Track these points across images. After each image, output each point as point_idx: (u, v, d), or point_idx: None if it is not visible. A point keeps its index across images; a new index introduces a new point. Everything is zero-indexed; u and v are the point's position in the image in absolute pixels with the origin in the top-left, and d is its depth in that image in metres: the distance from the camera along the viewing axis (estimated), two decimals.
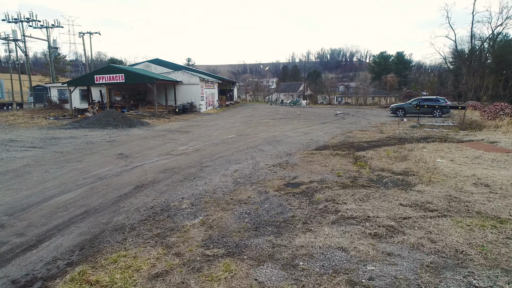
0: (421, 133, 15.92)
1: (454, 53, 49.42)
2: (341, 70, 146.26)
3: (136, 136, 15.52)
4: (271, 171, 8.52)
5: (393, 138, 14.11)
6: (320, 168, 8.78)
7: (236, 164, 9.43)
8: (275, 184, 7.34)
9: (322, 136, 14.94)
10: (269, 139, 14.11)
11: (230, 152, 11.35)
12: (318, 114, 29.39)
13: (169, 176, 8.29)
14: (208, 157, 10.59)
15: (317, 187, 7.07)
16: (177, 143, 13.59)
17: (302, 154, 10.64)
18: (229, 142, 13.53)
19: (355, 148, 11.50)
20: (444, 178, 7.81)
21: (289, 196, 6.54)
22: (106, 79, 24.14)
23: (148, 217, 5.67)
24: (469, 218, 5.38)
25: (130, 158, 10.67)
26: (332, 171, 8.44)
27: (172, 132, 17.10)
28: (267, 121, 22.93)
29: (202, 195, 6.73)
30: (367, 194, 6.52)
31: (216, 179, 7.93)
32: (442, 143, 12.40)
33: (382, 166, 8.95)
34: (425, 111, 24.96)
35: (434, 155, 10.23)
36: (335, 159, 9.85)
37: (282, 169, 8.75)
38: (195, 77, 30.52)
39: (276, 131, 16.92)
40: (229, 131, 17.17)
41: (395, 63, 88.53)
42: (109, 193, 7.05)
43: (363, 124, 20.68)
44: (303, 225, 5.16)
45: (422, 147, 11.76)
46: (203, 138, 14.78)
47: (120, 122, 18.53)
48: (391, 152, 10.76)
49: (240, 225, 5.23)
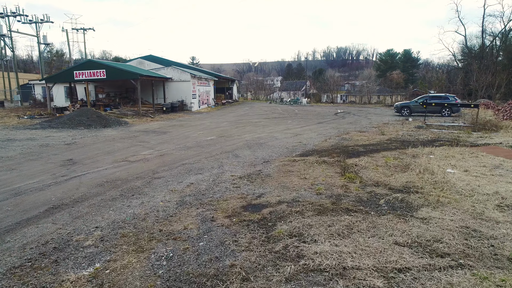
0: (428, 134, 13.95)
1: (464, 49, 47.00)
2: (347, 68, 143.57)
3: (104, 138, 13.80)
4: (233, 186, 6.69)
5: (395, 141, 12.18)
6: (297, 181, 6.93)
7: (195, 175, 7.63)
8: (230, 206, 5.52)
9: (313, 138, 13.06)
10: (252, 142, 12.29)
11: (198, 158, 9.55)
12: (317, 113, 27.44)
13: (103, 192, 6.51)
14: (168, 164, 8.80)
15: (284, 211, 5.23)
16: (144, 146, 11.83)
17: (281, 162, 8.80)
18: (204, 145, 11.73)
19: (348, 154, 9.62)
20: (457, 197, 5.93)
21: (241, 226, 4.72)
22: (86, 75, 22.46)
23: (26, 262, 3.90)
24: (498, 271, 3.52)
25: (77, 165, 8.93)
26: (312, 186, 6.59)
27: (147, 133, 15.35)
28: (259, 120, 21.08)
29: (125, 224, 4.94)
30: (350, 225, 4.68)
31: (159, 197, 6.14)
32: (453, 147, 10.46)
33: (377, 178, 7.07)
34: (432, 109, 22.86)
35: (444, 163, 8.32)
36: (320, 168, 7.99)
37: (250, 182, 6.93)
38: (186, 73, 28.71)
39: (264, 132, 15.08)
40: (211, 132, 15.38)
41: (402, 60, 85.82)
42: (8, 217, 5.30)
43: (363, 124, 18.72)
44: (241, 284, 3.34)
45: (429, 152, 9.83)
46: (177, 141, 13.00)
47: (94, 122, 16.83)
48: (390, 159, 8.86)
49: (146, 282, 3.42)
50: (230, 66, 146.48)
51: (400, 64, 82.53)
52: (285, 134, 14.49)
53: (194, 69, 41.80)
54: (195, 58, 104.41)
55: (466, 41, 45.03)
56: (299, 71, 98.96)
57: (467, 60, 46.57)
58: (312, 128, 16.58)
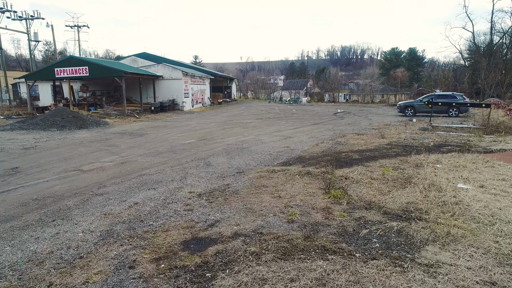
0: (434, 137, 12.43)
1: (471, 47, 45.10)
2: (351, 67, 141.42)
3: (71, 141, 12.45)
4: (185, 208, 5.28)
5: (396, 146, 10.69)
6: (269, 201, 5.50)
7: (147, 191, 6.22)
8: (167, 242, 4.11)
9: (303, 142, 11.60)
10: (233, 147, 10.87)
11: (162, 167, 8.14)
12: (316, 113, 25.93)
13: (20, 215, 5.14)
14: (123, 175, 7.41)
15: (237, 251, 3.81)
16: (110, 151, 10.45)
17: (258, 173, 7.36)
18: (178, 151, 10.33)
19: (339, 163, 8.16)
20: (473, 226, 4.50)
21: (166, 279, 3.31)
22: (68, 73, 21.10)
23: None
24: None
25: (18, 175, 7.57)
26: (286, 208, 5.16)
27: (122, 135, 13.97)
28: (250, 121, 19.62)
29: (12, 270, 3.55)
30: (322, 278, 3.25)
31: (84, 224, 4.74)
32: (463, 153, 8.97)
33: (370, 197, 5.62)
34: (438, 109, 21.22)
35: (453, 176, 6.85)
36: (302, 182, 6.55)
37: (208, 203, 5.51)
38: (177, 71, 27.26)
39: (251, 135, 13.64)
40: (193, 134, 13.97)
41: (407, 59, 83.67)
42: None
43: (363, 125, 17.20)
44: None
45: (435, 160, 8.34)
46: (151, 144, 11.61)
47: (69, 123, 15.50)
48: (389, 170, 7.39)
49: None
50: (233, 65, 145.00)
51: (405, 63, 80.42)
52: (273, 137, 13.04)
53: (189, 67, 40.43)
54: (197, 57, 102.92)
55: (474, 38, 43.12)
56: (302, 70, 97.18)
57: (474, 58, 44.68)
58: (305, 130, 15.11)
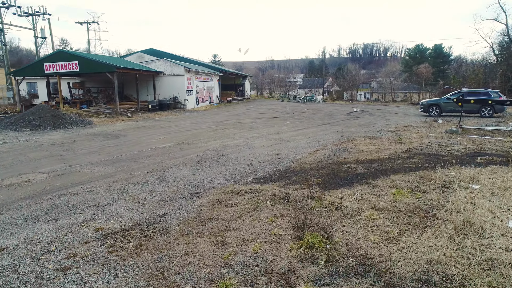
0: (465, 143, 9.99)
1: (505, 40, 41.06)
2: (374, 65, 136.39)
3: (29, 144, 10.86)
4: (61, 265, 3.34)
5: (417, 154, 8.37)
6: (203, 251, 3.47)
7: (43, 224, 4.35)
8: None
9: (300, 148, 9.47)
10: (211, 153, 8.89)
11: (102, 182, 6.27)
12: (328, 113, 23.55)
13: None
14: (41, 195, 5.58)
15: None
16: (62, 157, 8.72)
17: (218, 195, 5.34)
18: (140, 158, 8.45)
19: (335, 179, 6.02)
20: None
21: None
22: (57, 68, 19.81)
23: None
24: None
25: None
26: (221, 270, 3.13)
27: (96, 137, 12.26)
28: (250, 121, 17.55)
29: None
30: None
31: None
32: (508, 167, 6.61)
33: (367, 250, 3.50)
34: (469, 108, 18.36)
35: (499, 206, 4.62)
36: (269, 214, 4.48)
37: (109, 252, 3.55)
38: (179, 67, 25.49)
39: (242, 138, 11.61)
40: (175, 137, 12.07)
41: (432, 56, 78.76)
42: None
43: (378, 127, 14.78)
44: None
45: (470, 178, 6.05)
46: (116, 149, 9.81)
47: (45, 122, 14.02)
48: (403, 194, 5.19)
49: None
50: (252, 64, 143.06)
51: (430, 60, 75.57)
52: (267, 140, 10.95)
53: (194, 62, 38.72)
54: (216, 55, 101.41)
55: (508, 30, 39.15)
56: (322, 68, 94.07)
57: (508, 52, 40.64)
58: (308, 132, 12.91)
